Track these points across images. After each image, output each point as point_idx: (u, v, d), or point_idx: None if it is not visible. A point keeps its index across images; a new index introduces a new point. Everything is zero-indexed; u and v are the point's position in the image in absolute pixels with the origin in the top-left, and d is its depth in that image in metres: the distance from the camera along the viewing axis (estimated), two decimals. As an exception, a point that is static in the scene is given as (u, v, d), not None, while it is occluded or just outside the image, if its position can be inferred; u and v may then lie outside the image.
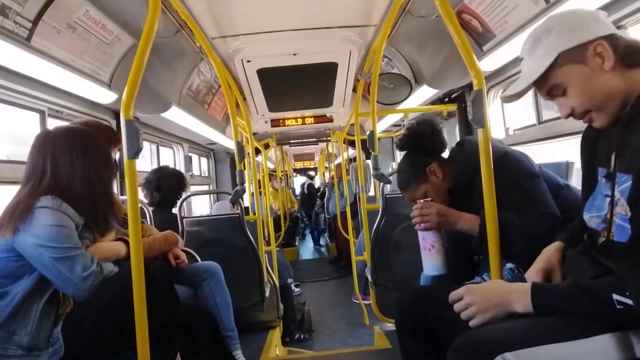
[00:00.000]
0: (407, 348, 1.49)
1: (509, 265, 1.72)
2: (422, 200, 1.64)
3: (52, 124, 2.47)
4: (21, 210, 1.44)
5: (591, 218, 1.15)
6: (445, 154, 1.86)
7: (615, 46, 1.06)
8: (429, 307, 1.45)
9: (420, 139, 1.77)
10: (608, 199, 1.09)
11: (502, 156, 1.57)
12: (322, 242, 10.03)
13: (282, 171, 8.58)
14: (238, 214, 3.02)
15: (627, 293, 0.93)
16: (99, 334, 1.49)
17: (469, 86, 3.31)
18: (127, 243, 1.70)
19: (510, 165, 1.55)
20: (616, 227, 1.06)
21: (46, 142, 1.57)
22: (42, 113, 2.43)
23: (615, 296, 0.94)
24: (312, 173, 15.27)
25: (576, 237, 1.28)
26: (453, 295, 1.20)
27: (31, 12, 1.84)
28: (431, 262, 1.58)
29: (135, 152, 1.40)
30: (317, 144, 8.49)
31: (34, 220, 1.43)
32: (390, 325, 3.36)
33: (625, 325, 0.97)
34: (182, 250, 2.22)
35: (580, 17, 1.10)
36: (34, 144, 1.59)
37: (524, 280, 1.35)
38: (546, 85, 1.14)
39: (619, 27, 1.11)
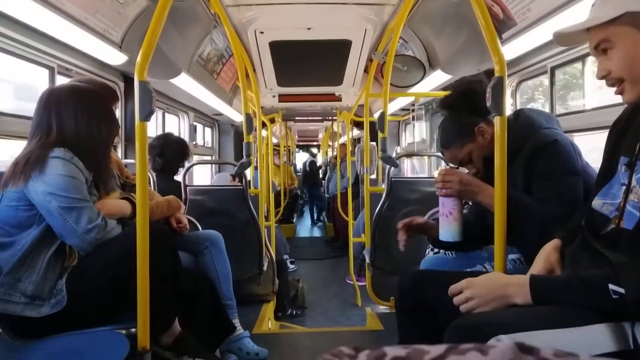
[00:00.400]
0: (405, 328, 1.50)
1: (511, 256, 1.72)
2: (447, 167, 1.62)
3: (61, 81, 2.45)
4: (35, 160, 1.48)
5: (604, 204, 1.14)
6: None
7: None
8: (429, 289, 1.46)
9: (471, 97, 1.68)
10: (624, 187, 1.08)
11: (551, 143, 1.49)
12: (321, 219, 10.08)
13: (285, 147, 8.56)
14: (242, 186, 3.01)
15: (620, 283, 0.94)
16: (103, 291, 1.51)
17: (484, 74, 3.28)
18: (132, 203, 1.71)
19: (555, 154, 1.49)
20: (627, 214, 1.06)
21: (50, 99, 1.60)
22: (51, 70, 2.40)
23: (611, 286, 0.96)
24: (314, 150, 15.28)
25: (575, 234, 1.27)
26: (453, 288, 1.20)
27: (47, -35, 1.80)
28: (447, 229, 1.57)
29: (147, 114, 1.39)
30: (322, 122, 8.45)
31: (46, 169, 1.47)
32: (383, 308, 3.39)
33: (620, 316, 0.98)
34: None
35: None
36: (39, 100, 1.61)
37: (525, 272, 1.36)
38: (599, 37, 1.10)
39: None
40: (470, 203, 1.93)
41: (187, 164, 3.08)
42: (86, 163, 1.56)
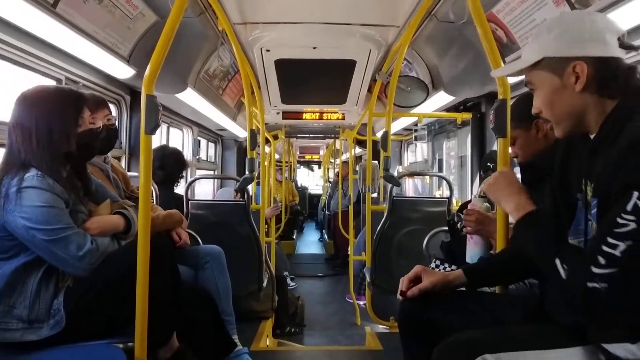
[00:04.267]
0: (409, 347, 1.49)
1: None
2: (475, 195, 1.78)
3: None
4: (7, 191, 1.41)
5: (580, 243, 1.14)
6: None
7: (597, 70, 1.04)
8: (431, 307, 1.45)
9: None
10: (590, 223, 1.09)
11: None
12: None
13: (286, 162, 8.58)
14: (244, 201, 3.01)
15: (565, 266, 1.00)
16: (102, 307, 1.49)
17: (486, 97, 3.31)
18: (124, 217, 1.66)
19: None
20: None
21: (17, 105, 1.50)
22: (59, 81, 2.43)
23: (557, 260, 1.01)
24: (315, 166, 15.36)
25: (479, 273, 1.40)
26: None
27: (60, -21, 1.83)
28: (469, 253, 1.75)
29: (153, 127, 1.40)
30: (324, 139, 8.49)
31: (21, 201, 1.40)
32: (382, 327, 3.36)
33: (600, 339, 1.02)
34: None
35: (584, 30, 1.07)
36: (13, 107, 1.51)
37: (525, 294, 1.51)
38: (526, 78, 1.17)
39: None
40: None
41: (184, 175, 3.08)
42: (60, 181, 1.47)
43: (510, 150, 1.75)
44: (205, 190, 5.90)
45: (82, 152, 1.60)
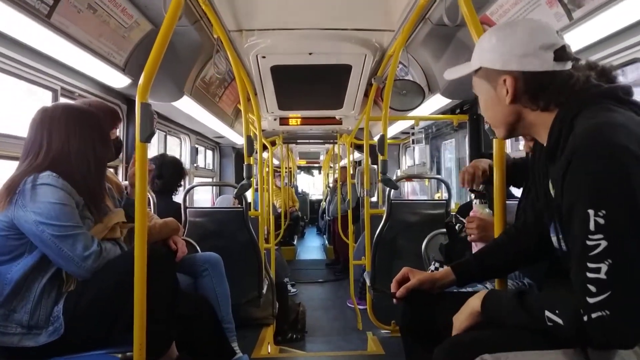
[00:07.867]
0: (412, 353, 1.49)
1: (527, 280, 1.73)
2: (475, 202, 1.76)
3: (64, 103, 2.47)
4: (23, 187, 1.45)
5: (559, 240, 1.12)
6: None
7: (527, 85, 1.07)
8: (431, 309, 1.45)
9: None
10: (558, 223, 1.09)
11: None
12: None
13: (286, 168, 8.56)
14: (242, 208, 3.01)
15: (557, 312, 0.97)
16: (100, 315, 1.49)
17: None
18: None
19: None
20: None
21: (44, 118, 1.58)
22: (55, 92, 2.43)
23: (547, 313, 0.99)
24: (315, 172, 15.38)
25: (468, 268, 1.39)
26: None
27: (54, -11, 1.83)
28: None
29: (148, 135, 1.39)
30: (323, 144, 8.50)
31: (35, 197, 1.43)
32: (384, 332, 3.35)
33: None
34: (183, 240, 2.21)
35: (517, 44, 1.07)
36: (34, 118, 1.59)
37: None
38: (473, 82, 1.21)
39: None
40: None
41: (183, 184, 3.08)
42: (76, 186, 1.53)
43: (523, 144, 1.80)
44: (204, 198, 5.90)
45: None
